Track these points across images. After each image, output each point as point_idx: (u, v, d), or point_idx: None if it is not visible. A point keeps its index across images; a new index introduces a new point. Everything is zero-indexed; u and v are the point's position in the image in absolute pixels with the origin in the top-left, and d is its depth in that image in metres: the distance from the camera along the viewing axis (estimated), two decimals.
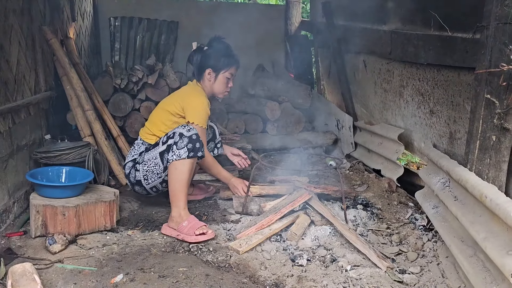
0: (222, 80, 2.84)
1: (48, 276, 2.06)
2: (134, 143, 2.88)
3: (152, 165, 2.70)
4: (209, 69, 2.80)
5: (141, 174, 2.73)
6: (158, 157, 2.67)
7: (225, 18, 4.89)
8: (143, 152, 2.79)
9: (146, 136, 2.83)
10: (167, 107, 2.82)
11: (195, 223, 2.52)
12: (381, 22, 3.44)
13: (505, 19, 1.89)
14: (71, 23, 4.07)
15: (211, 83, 2.84)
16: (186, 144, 2.58)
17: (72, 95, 3.46)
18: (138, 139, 2.87)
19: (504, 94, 1.94)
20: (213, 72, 2.81)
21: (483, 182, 1.95)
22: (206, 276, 2.06)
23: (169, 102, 2.86)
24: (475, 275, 1.84)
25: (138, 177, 2.75)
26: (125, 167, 2.84)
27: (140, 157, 2.77)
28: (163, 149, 2.65)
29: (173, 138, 2.62)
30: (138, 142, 2.86)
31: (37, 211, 2.41)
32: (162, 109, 2.86)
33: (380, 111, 3.63)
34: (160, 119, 2.82)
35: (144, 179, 2.74)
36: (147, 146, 2.80)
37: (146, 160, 2.72)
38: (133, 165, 2.79)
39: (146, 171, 2.72)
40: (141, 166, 2.74)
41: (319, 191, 2.92)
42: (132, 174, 2.78)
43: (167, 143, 2.64)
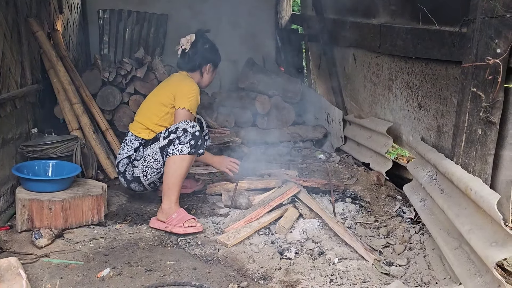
0: (214, 74, 2.98)
1: (34, 271, 2.05)
2: (126, 139, 2.81)
3: (152, 161, 2.66)
4: (210, 64, 2.89)
5: (140, 170, 2.69)
6: (159, 152, 2.64)
7: (215, 11, 4.85)
8: (138, 148, 2.74)
9: (138, 131, 2.78)
10: (158, 98, 2.80)
11: (185, 215, 2.53)
12: (371, 15, 3.43)
13: (491, 12, 1.89)
14: (58, 15, 4.02)
15: (209, 77, 2.93)
16: (189, 140, 2.57)
17: (59, 88, 3.42)
18: (129, 135, 2.81)
19: (490, 88, 1.95)
20: (212, 66, 2.91)
21: (468, 175, 1.97)
22: (193, 270, 2.06)
23: (160, 93, 2.84)
24: (460, 266, 1.86)
25: (136, 173, 2.70)
26: (118, 165, 2.77)
27: (137, 154, 2.72)
28: (164, 143, 2.62)
29: (175, 133, 2.60)
30: (129, 138, 2.80)
31: (23, 205, 2.38)
32: (152, 101, 2.83)
33: (369, 105, 3.64)
34: (151, 111, 2.79)
35: (143, 175, 2.70)
36: (141, 141, 2.75)
37: (146, 156, 2.67)
38: (128, 162, 2.73)
39: (145, 167, 2.68)
40: (140, 162, 2.69)
41: (308, 185, 2.93)
42: (129, 171, 2.72)
43: (168, 137, 2.62)
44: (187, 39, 2.84)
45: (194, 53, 2.83)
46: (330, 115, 4.14)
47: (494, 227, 1.68)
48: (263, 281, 2.09)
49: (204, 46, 2.86)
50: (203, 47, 2.86)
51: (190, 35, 2.85)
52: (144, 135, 2.75)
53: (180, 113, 2.68)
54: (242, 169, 3.03)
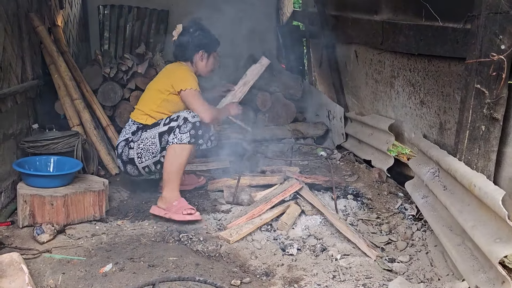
0: (212, 60, 2.98)
1: (36, 266, 2.04)
2: (125, 125, 2.90)
3: (149, 144, 2.70)
4: (202, 50, 2.89)
5: (135, 151, 2.73)
6: (157, 136, 2.68)
7: (216, 8, 4.83)
8: (135, 131, 2.79)
9: (137, 117, 2.84)
10: (155, 85, 2.86)
11: (185, 204, 2.61)
12: (373, 12, 3.42)
13: (496, 8, 1.89)
14: (59, 10, 4.00)
15: (204, 64, 2.93)
16: (189, 129, 2.60)
17: (60, 83, 3.40)
18: (129, 121, 2.89)
19: (494, 84, 1.94)
20: (205, 53, 2.91)
21: (472, 172, 1.96)
22: (196, 266, 2.05)
23: (157, 81, 2.91)
24: (463, 263, 1.86)
25: (131, 155, 2.75)
26: (117, 147, 2.84)
27: (134, 136, 2.77)
28: (163, 130, 2.67)
29: (176, 121, 2.64)
30: (129, 123, 2.88)
31: (25, 201, 2.38)
32: (150, 89, 2.89)
33: (371, 102, 3.64)
34: (149, 98, 2.85)
35: (138, 157, 2.73)
36: (139, 125, 2.80)
37: (143, 138, 2.72)
38: (125, 144, 2.79)
39: (141, 149, 2.72)
40: (136, 144, 2.74)
41: (309, 181, 2.93)
42: (125, 153, 2.77)
43: (169, 124, 2.66)
44: (176, 30, 2.92)
45: (184, 42, 2.88)
46: (331, 112, 4.14)
47: (498, 223, 1.68)
48: (266, 277, 2.08)
49: (193, 34, 2.89)
50: (192, 36, 2.88)
51: (178, 25, 2.92)
52: (142, 119, 2.81)
53: (187, 94, 2.73)
54: (244, 166, 3.03)
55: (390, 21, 3.11)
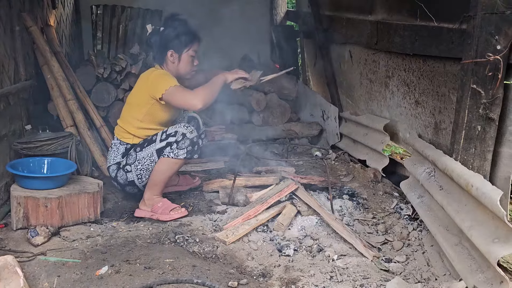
0: (186, 60, 2.69)
1: (31, 269, 2.02)
2: (112, 144, 2.77)
3: (148, 163, 2.62)
4: (171, 51, 2.65)
5: (134, 174, 2.65)
6: (155, 154, 2.60)
7: (210, 7, 4.82)
8: (125, 152, 2.69)
9: (122, 136, 2.72)
10: (134, 99, 2.69)
11: (170, 204, 2.63)
12: (367, 12, 3.43)
13: (492, 9, 1.89)
14: (51, 10, 3.96)
15: (176, 65, 2.69)
16: (187, 146, 2.56)
17: (53, 84, 3.37)
18: (114, 139, 2.76)
19: (490, 84, 1.95)
20: (175, 53, 2.66)
21: (469, 172, 1.97)
22: (193, 267, 2.04)
23: (133, 93, 2.73)
24: (461, 263, 1.87)
25: (130, 178, 2.67)
26: (109, 169, 2.75)
27: (127, 159, 2.66)
28: (161, 146, 2.58)
29: (174, 136, 2.55)
30: (115, 142, 2.75)
31: (19, 203, 2.35)
32: (130, 104, 2.72)
33: (365, 102, 3.64)
34: (130, 114, 2.70)
35: (138, 179, 2.66)
36: (126, 146, 2.70)
37: (140, 158, 2.62)
38: (118, 167, 2.70)
39: (140, 170, 2.64)
40: (133, 166, 2.64)
41: (305, 182, 2.92)
42: (122, 177, 2.68)
43: (166, 140, 2.57)
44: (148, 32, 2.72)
45: (151, 45, 2.71)
46: (326, 112, 4.14)
47: (496, 223, 1.68)
48: (263, 278, 2.08)
49: (160, 35, 2.67)
50: (157, 36, 2.67)
51: (147, 25, 2.73)
52: (128, 139, 2.70)
53: (168, 94, 2.52)
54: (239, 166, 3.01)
55: (384, 21, 3.12)
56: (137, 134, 2.69)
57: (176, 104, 2.60)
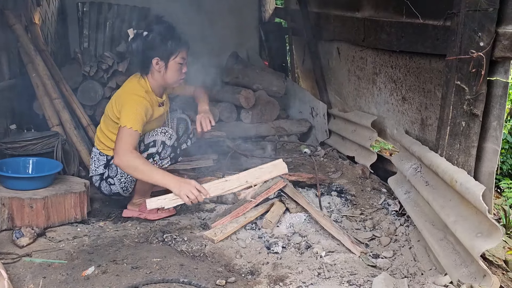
0: (174, 68, 2.44)
1: (16, 271, 1.99)
2: (93, 153, 2.69)
3: (131, 176, 2.52)
4: (156, 59, 2.40)
5: (118, 187, 2.60)
6: None
7: (198, 5, 4.79)
8: (107, 164, 2.61)
9: (101, 147, 2.64)
10: (108, 113, 2.54)
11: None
12: (354, 9, 3.44)
13: (475, 6, 1.91)
14: (36, 7, 3.90)
15: (162, 74, 2.45)
16: (169, 154, 2.54)
17: (39, 83, 3.33)
18: (94, 149, 2.69)
19: (474, 81, 1.97)
20: (161, 61, 2.41)
21: (453, 167, 1.99)
22: (180, 266, 2.03)
23: (109, 108, 2.55)
24: (445, 257, 1.89)
25: (115, 190, 2.62)
26: (92, 179, 2.68)
27: (109, 171, 2.59)
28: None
29: (154, 146, 2.49)
30: (95, 151, 2.67)
31: (3, 204, 2.32)
32: (106, 115, 2.57)
33: (353, 99, 3.66)
34: (106, 127, 2.59)
35: (123, 190, 2.62)
36: (107, 157, 2.62)
37: (122, 172, 2.53)
38: (101, 179, 2.64)
39: (123, 182, 2.58)
40: (116, 179, 2.57)
41: (293, 179, 2.92)
42: (105, 188, 2.62)
43: (147, 151, 2.51)
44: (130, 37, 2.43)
45: (133, 52, 2.44)
46: (315, 109, 4.15)
47: (479, 218, 1.70)
48: (251, 276, 2.08)
49: (146, 39, 2.38)
50: (140, 42, 2.39)
51: (129, 30, 2.43)
52: (108, 151, 2.61)
53: (121, 131, 2.31)
54: (227, 165, 3.01)
55: (371, 18, 3.14)
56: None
57: (116, 141, 2.36)
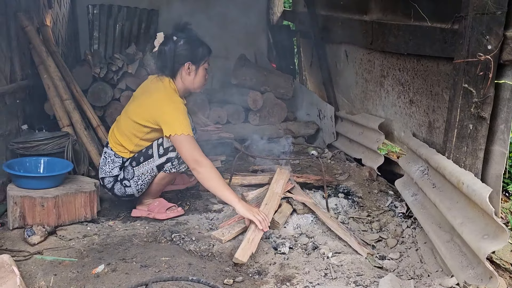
0: (202, 73, 2.56)
1: (27, 268, 2.03)
2: (106, 153, 2.63)
3: (148, 178, 2.57)
4: (189, 63, 2.49)
5: (134, 189, 2.60)
6: (155, 169, 2.55)
7: (207, 7, 4.83)
8: (122, 166, 2.60)
9: (118, 149, 2.59)
10: (136, 118, 2.50)
11: (166, 203, 2.66)
12: (362, 12, 3.45)
13: (483, 9, 1.92)
14: (47, 10, 3.96)
15: (192, 78, 2.53)
16: None
17: (50, 84, 3.38)
18: (108, 149, 2.62)
19: (481, 84, 1.98)
20: (192, 65, 2.50)
21: (460, 170, 1.99)
22: (189, 265, 2.06)
23: (137, 112, 2.51)
24: (452, 259, 1.89)
25: (129, 192, 2.61)
26: (103, 180, 2.63)
27: (125, 173, 2.58)
28: (161, 161, 2.53)
29: (174, 151, 2.49)
30: (110, 153, 2.61)
31: (15, 202, 2.36)
32: (131, 118, 2.53)
33: (361, 101, 3.67)
34: (129, 130, 2.54)
35: (138, 191, 2.62)
36: (123, 159, 2.60)
37: (139, 174, 2.55)
38: (115, 180, 2.61)
39: (140, 185, 2.59)
40: (132, 182, 2.58)
41: (301, 180, 2.94)
42: (120, 190, 2.62)
43: (166, 155, 2.51)
44: (157, 40, 2.51)
45: (165, 55, 2.47)
46: (322, 111, 4.16)
47: (485, 220, 1.71)
48: (258, 276, 2.10)
49: (177, 44, 2.46)
50: (174, 47, 2.46)
51: (158, 34, 2.52)
52: (124, 154, 2.59)
53: (178, 140, 2.33)
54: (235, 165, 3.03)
55: (379, 21, 3.15)
56: (135, 150, 2.59)
57: (180, 151, 2.38)
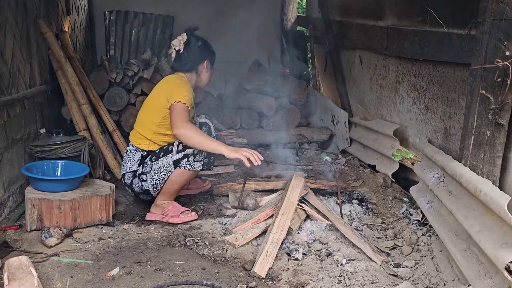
0: (212, 72, 2.93)
1: (44, 269, 2.06)
2: (127, 150, 2.77)
3: (164, 173, 2.62)
4: (207, 61, 2.83)
5: (150, 183, 2.66)
6: (172, 165, 2.60)
7: (221, 13, 4.87)
8: (140, 160, 2.70)
9: (138, 142, 2.72)
10: (153, 103, 2.71)
11: (180, 207, 2.69)
12: (377, 17, 3.44)
13: (501, 15, 1.90)
14: (66, 16, 4.05)
15: (208, 75, 2.88)
16: (203, 158, 2.60)
17: (67, 89, 3.44)
18: (130, 145, 2.76)
19: (499, 90, 1.96)
20: (209, 63, 2.86)
21: (477, 177, 1.97)
22: (202, 270, 2.07)
23: (153, 97, 2.74)
24: (469, 268, 1.87)
25: (146, 187, 2.68)
26: (124, 177, 2.75)
27: (144, 167, 2.67)
28: (178, 157, 2.58)
29: (191, 148, 2.56)
30: (131, 149, 2.74)
31: (33, 205, 2.40)
32: (147, 108, 2.74)
33: (375, 107, 3.65)
34: (148, 119, 2.71)
35: (153, 188, 2.68)
36: (142, 152, 2.71)
37: (156, 169, 2.62)
38: (133, 175, 2.70)
39: (156, 180, 2.65)
40: (148, 176, 2.64)
41: (315, 186, 2.94)
42: (137, 185, 2.69)
43: (184, 152, 2.58)
44: (179, 40, 2.75)
45: (189, 52, 2.76)
46: (336, 117, 4.15)
47: (504, 229, 1.68)
48: (271, 281, 2.09)
49: (197, 44, 2.79)
50: (196, 45, 2.79)
51: (182, 34, 2.78)
52: (144, 145, 2.71)
53: (176, 106, 2.54)
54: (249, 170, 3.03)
55: (394, 27, 3.14)
56: (154, 140, 2.69)
57: (171, 118, 2.56)
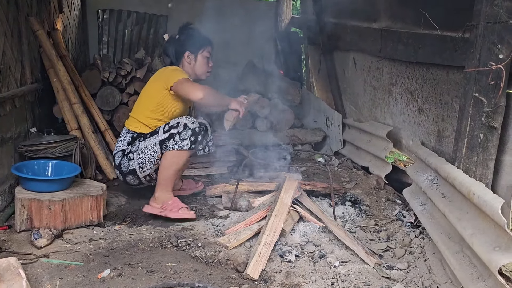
0: (202, 61, 2.90)
1: (34, 271, 2.03)
2: (121, 134, 2.87)
3: (150, 153, 2.68)
4: (187, 52, 2.85)
5: (136, 162, 2.71)
6: (158, 145, 2.66)
7: (215, 14, 4.85)
8: (131, 141, 2.77)
9: (131, 125, 2.82)
10: (147, 92, 2.83)
11: (179, 203, 2.69)
12: (371, 19, 3.44)
13: (495, 18, 1.91)
14: (58, 14, 4.00)
15: (192, 66, 2.89)
16: (189, 136, 2.61)
17: (59, 87, 3.40)
18: (124, 130, 2.86)
19: (492, 93, 1.96)
20: (191, 54, 2.87)
21: (471, 180, 1.97)
22: (194, 271, 2.05)
23: (148, 86, 2.86)
24: (462, 271, 1.87)
25: (132, 166, 2.72)
26: (114, 157, 2.82)
27: (132, 146, 2.74)
28: (164, 137, 2.64)
29: (176, 127, 2.63)
30: (123, 132, 2.85)
31: (22, 205, 2.36)
32: (142, 96, 2.87)
33: (369, 109, 3.65)
34: (142, 105, 2.83)
35: (139, 167, 2.71)
36: (133, 134, 2.78)
37: (143, 147, 2.69)
38: (122, 155, 2.76)
39: (142, 159, 2.69)
40: (135, 154, 2.71)
41: (308, 188, 2.93)
42: (125, 164, 2.74)
43: (169, 131, 2.64)
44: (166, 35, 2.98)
45: (169, 48, 2.91)
46: (329, 118, 4.15)
47: (497, 232, 1.68)
48: (264, 283, 2.08)
49: (179, 39, 2.89)
50: (174, 40, 2.90)
51: (164, 35, 2.98)
52: (136, 128, 2.79)
53: (179, 84, 2.67)
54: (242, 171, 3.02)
55: (388, 29, 3.14)
56: (146, 123, 2.77)
57: (183, 93, 2.69)
